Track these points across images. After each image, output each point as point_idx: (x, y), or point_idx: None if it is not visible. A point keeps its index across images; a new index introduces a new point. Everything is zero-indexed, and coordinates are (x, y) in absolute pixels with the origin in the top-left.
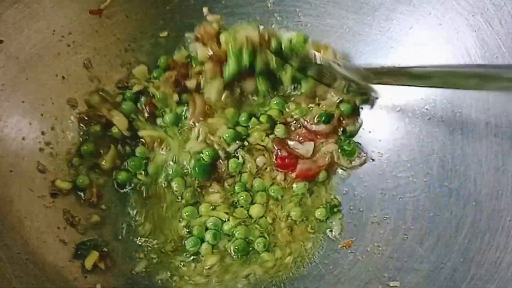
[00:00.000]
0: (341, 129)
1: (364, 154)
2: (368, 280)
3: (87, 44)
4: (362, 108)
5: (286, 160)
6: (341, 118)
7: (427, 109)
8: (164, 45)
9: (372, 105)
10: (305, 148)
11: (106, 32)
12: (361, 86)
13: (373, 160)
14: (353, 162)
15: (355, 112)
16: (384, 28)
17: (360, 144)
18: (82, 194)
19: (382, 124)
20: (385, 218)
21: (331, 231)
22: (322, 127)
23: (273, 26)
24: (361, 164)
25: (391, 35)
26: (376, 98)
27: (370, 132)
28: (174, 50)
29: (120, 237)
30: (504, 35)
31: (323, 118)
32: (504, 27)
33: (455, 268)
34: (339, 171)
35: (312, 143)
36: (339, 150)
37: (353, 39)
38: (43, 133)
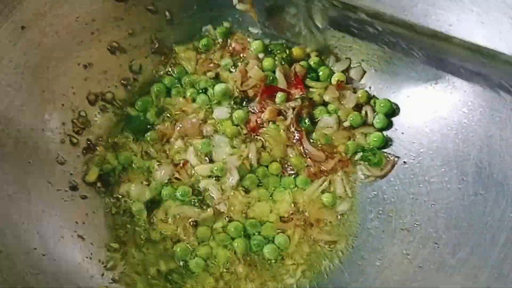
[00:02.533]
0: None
1: (394, 157)
2: None
3: (112, 32)
4: (396, 107)
5: None
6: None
7: (464, 112)
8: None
9: (406, 106)
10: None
11: (131, 20)
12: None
13: (405, 163)
14: (383, 169)
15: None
16: (423, 24)
17: (391, 144)
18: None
19: (416, 125)
20: (415, 225)
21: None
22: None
23: None
24: (392, 167)
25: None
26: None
27: (403, 133)
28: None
29: None
30: None
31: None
32: None
33: (489, 285)
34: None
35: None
36: (366, 163)
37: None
38: (63, 124)
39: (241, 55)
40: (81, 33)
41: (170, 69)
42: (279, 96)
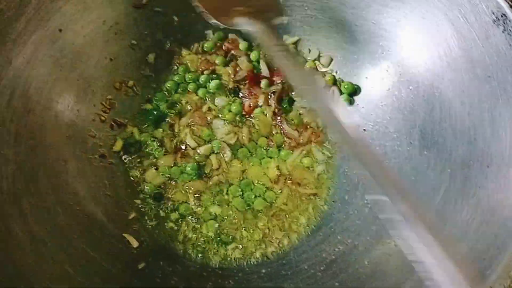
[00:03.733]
0: None
1: (356, 125)
2: (358, 232)
3: (132, 32)
4: (357, 88)
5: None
6: None
7: (411, 89)
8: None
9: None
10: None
11: (147, 23)
12: None
13: (365, 130)
14: None
15: None
16: (377, 20)
17: (354, 116)
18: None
19: (374, 100)
20: None
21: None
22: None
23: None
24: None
25: (382, 26)
26: None
27: (363, 107)
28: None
29: None
30: (478, 28)
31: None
32: (478, 21)
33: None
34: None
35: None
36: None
37: (350, 29)
38: (94, 105)
39: (233, 52)
40: (107, 33)
41: (176, 67)
42: (263, 82)
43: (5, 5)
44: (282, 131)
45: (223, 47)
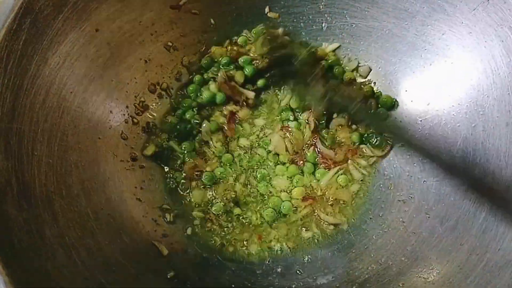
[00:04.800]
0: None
1: (391, 138)
2: (393, 251)
3: (167, 34)
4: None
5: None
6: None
7: (453, 106)
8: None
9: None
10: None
11: (183, 24)
12: None
13: (402, 145)
14: (384, 150)
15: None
16: (420, 32)
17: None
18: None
19: (412, 115)
20: (410, 197)
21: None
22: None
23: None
24: (391, 148)
25: (425, 38)
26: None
27: (401, 121)
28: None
29: None
30: None
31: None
32: None
33: (471, 251)
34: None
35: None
36: (370, 145)
37: (391, 40)
38: (127, 107)
39: None
40: (143, 34)
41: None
42: None
43: (43, 3)
44: (317, 150)
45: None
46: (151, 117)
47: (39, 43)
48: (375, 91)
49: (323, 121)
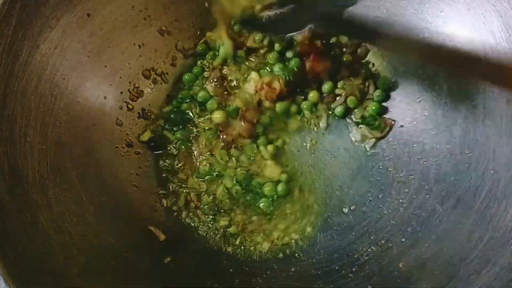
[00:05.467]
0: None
1: (391, 120)
2: (393, 233)
3: (161, 18)
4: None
5: None
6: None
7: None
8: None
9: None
10: None
11: (176, 8)
12: None
13: (402, 126)
14: (383, 131)
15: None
16: (418, 10)
17: (391, 111)
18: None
19: (411, 95)
20: (410, 178)
21: None
22: None
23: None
24: (390, 129)
25: (423, 17)
26: None
27: (400, 101)
28: None
29: None
30: None
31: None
32: None
33: (473, 230)
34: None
35: None
36: (369, 127)
37: (389, 19)
38: (121, 93)
39: None
40: (136, 19)
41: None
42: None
43: None
44: None
45: None
46: (146, 103)
47: (30, 28)
48: (373, 72)
49: None
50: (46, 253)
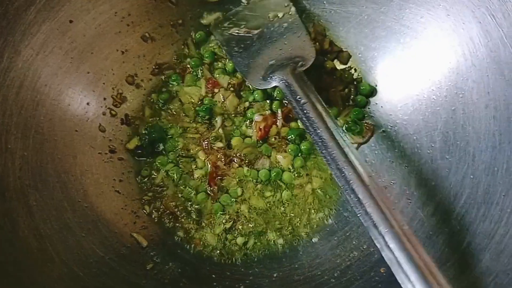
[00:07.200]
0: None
1: (372, 125)
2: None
3: (143, 24)
4: (376, 86)
5: None
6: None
7: (432, 89)
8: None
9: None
10: None
11: (159, 14)
12: None
13: (383, 131)
14: (365, 137)
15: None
16: (398, 16)
17: (373, 116)
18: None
19: (393, 100)
20: (392, 183)
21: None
22: None
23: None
24: (371, 134)
25: (404, 23)
26: None
27: (382, 107)
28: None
29: None
30: (507, 27)
31: None
32: (507, 19)
33: (452, 235)
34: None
35: None
36: (350, 133)
37: (370, 25)
38: (104, 99)
39: None
40: (119, 25)
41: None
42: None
43: None
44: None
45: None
46: (129, 109)
47: (11, 35)
48: (355, 78)
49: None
50: (25, 259)
